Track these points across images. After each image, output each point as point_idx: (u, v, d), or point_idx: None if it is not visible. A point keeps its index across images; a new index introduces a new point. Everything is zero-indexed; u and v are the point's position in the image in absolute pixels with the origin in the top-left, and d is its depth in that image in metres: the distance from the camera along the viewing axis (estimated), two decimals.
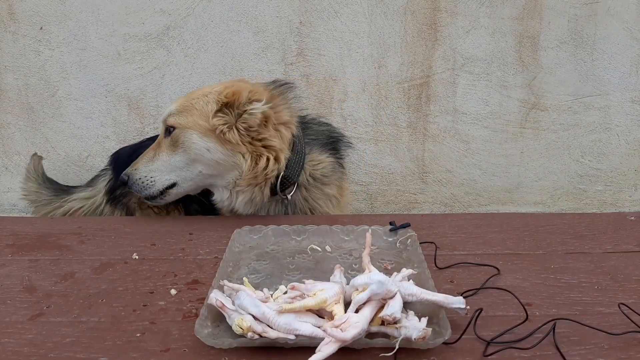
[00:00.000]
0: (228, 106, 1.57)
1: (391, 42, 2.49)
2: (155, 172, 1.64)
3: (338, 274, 1.10)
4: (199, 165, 1.61)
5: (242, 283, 1.10)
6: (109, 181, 2.09)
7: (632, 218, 1.58)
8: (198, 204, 1.90)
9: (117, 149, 2.62)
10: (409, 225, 1.40)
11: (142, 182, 1.64)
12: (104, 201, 2.09)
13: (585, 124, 2.61)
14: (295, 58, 2.51)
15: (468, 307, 1.01)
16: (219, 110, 1.56)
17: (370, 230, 1.29)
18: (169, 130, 1.62)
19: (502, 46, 2.50)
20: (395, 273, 1.12)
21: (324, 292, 0.99)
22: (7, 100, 2.56)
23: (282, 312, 0.95)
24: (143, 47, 2.49)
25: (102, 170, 2.24)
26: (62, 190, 2.30)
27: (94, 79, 2.53)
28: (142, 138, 2.58)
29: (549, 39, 2.50)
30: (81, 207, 2.19)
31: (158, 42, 2.48)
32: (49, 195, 2.28)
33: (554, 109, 2.59)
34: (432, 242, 1.39)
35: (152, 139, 2.14)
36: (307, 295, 1.00)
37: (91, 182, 2.25)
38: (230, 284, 1.05)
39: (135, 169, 1.66)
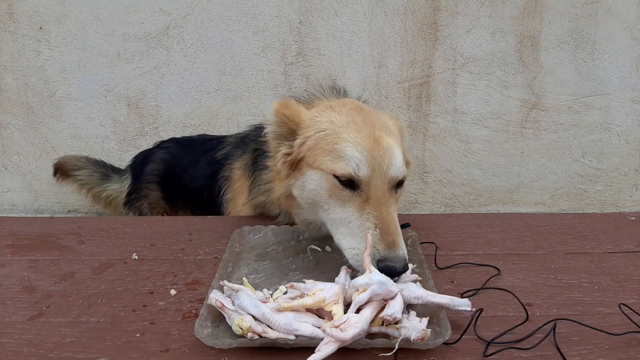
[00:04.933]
0: None
1: (391, 41, 2.49)
2: None
3: (343, 275, 1.09)
4: None
5: (242, 283, 1.10)
6: (128, 185, 2.19)
7: (633, 218, 1.57)
8: (200, 208, 1.91)
9: (117, 149, 2.63)
10: (409, 226, 1.40)
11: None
12: (122, 202, 2.21)
13: (585, 124, 2.61)
14: (295, 58, 2.51)
15: (474, 309, 1.00)
16: None
17: (370, 230, 1.28)
18: (401, 183, 1.28)
19: (503, 46, 2.50)
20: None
21: (323, 291, 0.99)
22: (6, 100, 2.55)
23: (280, 310, 0.95)
24: (142, 46, 2.49)
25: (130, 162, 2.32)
26: (105, 174, 2.38)
27: (94, 78, 2.53)
28: (141, 138, 2.59)
29: (550, 39, 2.50)
30: (117, 196, 2.29)
31: (158, 42, 2.48)
32: (99, 178, 2.36)
33: (554, 108, 2.58)
34: (432, 242, 1.39)
35: (166, 143, 2.21)
36: (307, 295, 1.00)
37: (124, 173, 2.32)
38: (230, 284, 1.05)
39: (404, 250, 1.16)
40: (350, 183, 1.20)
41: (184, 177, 2.01)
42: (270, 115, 1.33)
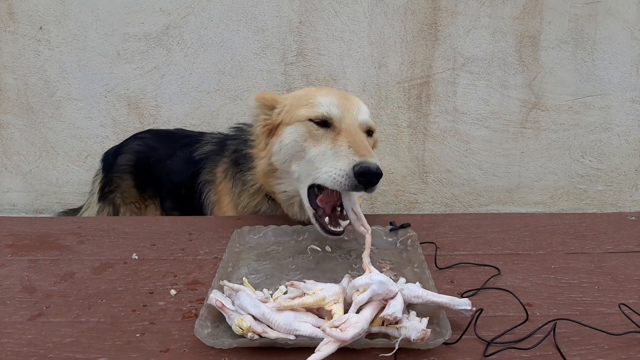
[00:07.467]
0: None
1: (391, 41, 2.49)
2: None
3: (346, 281, 1.09)
4: None
5: (242, 283, 1.10)
6: (100, 180, 2.14)
7: (633, 218, 1.57)
8: (172, 200, 1.91)
9: None
10: (409, 226, 1.40)
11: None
12: (96, 199, 2.14)
13: (585, 124, 2.61)
14: (295, 58, 2.51)
15: (474, 308, 1.00)
16: None
17: (370, 230, 1.28)
18: (370, 133, 1.46)
19: (503, 46, 2.50)
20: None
21: (323, 290, 0.99)
22: (6, 100, 2.56)
23: (280, 309, 0.95)
24: (142, 46, 2.49)
25: (95, 175, 2.27)
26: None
27: (94, 78, 2.53)
28: None
29: (550, 39, 2.50)
30: (80, 205, 2.27)
31: (158, 42, 2.48)
32: None
33: (554, 108, 2.59)
34: (432, 242, 1.39)
35: (141, 134, 2.19)
36: (307, 294, 1.00)
37: (92, 186, 2.27)
38: (230, 284, 1.05)
39: (377, 161, 1.29)
40: (324, 123, 1.35)
41: (159, 168, 2.00)
42: (252, 102, 1.50)
